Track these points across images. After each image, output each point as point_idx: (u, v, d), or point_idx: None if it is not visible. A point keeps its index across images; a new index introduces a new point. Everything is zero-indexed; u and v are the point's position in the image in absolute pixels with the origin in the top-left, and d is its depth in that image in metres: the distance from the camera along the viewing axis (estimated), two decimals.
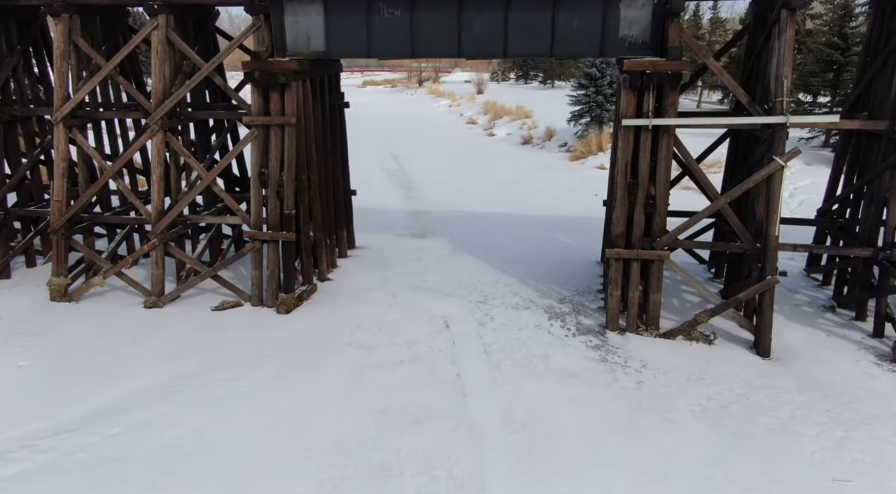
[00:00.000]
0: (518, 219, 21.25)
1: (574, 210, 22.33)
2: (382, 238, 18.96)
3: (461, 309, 13.47)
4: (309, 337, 12.13)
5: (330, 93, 15.69)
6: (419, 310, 13.44)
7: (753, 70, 12.85)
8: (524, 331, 12.36)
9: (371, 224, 20.33)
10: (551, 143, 35.62)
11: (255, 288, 13.65)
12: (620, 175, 12.08)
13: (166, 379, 10.42)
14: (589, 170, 28.92)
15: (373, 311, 13.36)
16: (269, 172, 13.33)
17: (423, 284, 15.02)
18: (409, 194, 25.45)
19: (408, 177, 29.04)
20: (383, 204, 23.47)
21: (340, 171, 16.72)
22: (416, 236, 19.26)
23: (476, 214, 21.96)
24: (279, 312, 13.24)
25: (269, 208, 13.48)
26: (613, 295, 12.37)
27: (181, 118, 14.09)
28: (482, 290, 14.59)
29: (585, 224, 20.37)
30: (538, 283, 15.04)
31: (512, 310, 13.42)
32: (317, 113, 14.69)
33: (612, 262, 12.30)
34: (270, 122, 13.11)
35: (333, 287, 14.92)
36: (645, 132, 11.78)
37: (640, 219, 12.09)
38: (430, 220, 21.13)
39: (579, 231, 19.64)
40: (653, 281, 12.10)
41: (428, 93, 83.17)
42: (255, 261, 13.61)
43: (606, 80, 31.64)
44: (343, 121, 16.68)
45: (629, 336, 12.14)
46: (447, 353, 11.49)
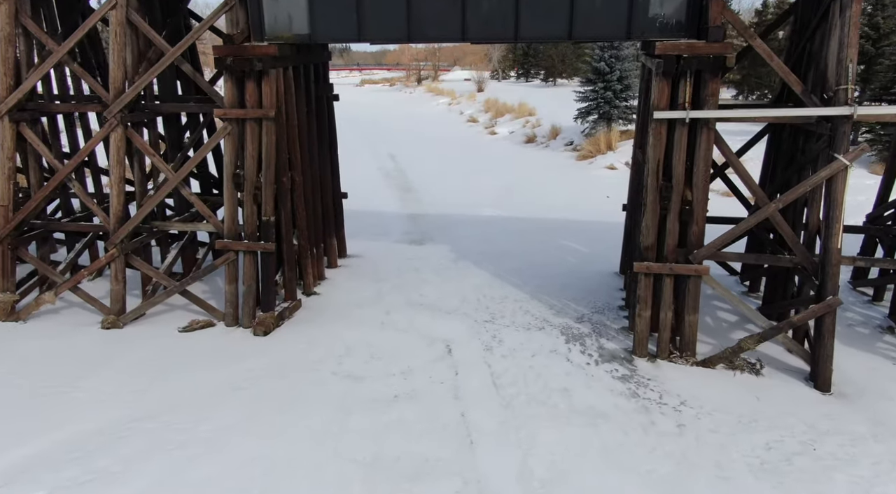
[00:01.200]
0: (525, 223, 19.55)
1: (585, 213, 20.63)
2: (377, 245, 17.25)
3: (465, 331, 11.76)
4: (289, 364, 10.41)
5: (316, 83, 13.98)
6: (417, 331, 11.74)
7: (803, 55, 11.15)
8: (539, 358, 10.66)
9: (365, 229, 18.62)
10: (556, 142, 33.93)
11: (229, 306, 11.93)
12: (651, 176, 10.38)
13: (115, 421, 8.70)
14: (598, 171, 27.24)
15: (364, 333, 11.65)
16: (245, 173, 11.63)
17: (421, 300, 13.31)
18: (406, 196, 23.74)
19: (405, 177, 27.33)
20: (379, 207, 21.76)
21: (329, 172, 15.00)
22: (413, 243, 17.55)
23: (479, 218, 20.25)
24: (256, 334, 11.52)
25: (245, 214, 11.77)
26: (642, 317, 10.66)
27: (146, 111, 12.36)
28: (488, 307, 12.89)
29: (599, 229, 18.67)
30: (552, 299, 13.33)
31: (523, 332, 11.72)
32: (301, 105, 12.97)
33: (641, 278, 10.59)
34: (246, 116, 11.40)
35: (320, 302, 13.21)
36: (680, 126, 10.08)
37: (673, 228, 10.39)
38: (430, 225, 19.43)
39: (593, 237, 17.94)
40: (688, 300, 10.40)
41: (427, 92, 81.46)
42: (229, 275, 11.90)
43: (615, 75, 29.96)
44: (332, 115, 14.96)
45: (661, 364, 10.44)
46: (449, 386, 9.78)
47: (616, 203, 21.78)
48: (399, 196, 23.78)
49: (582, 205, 21.77)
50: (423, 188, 24.92)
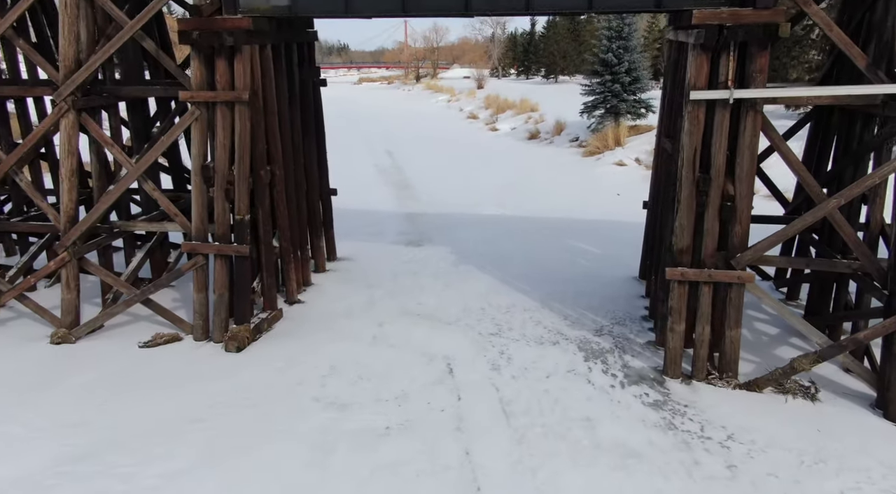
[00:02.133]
0: (530, 223, 18.04)
1: (595, 212, 19.13)
2: (370, 246, 15.74)
3: (468, 346, 10.25)
4: (263, 388, 8.90)
5: (300, 66, 12.47)
6: (413, 347, 10.23)
7: (860, 27, 9.63)
8: (555, 380, 9.15)
9: (358, 229, 17.11)
10: (561, 138, 32.44)
11: (198, 318, 10.42)
12: (686, 168, 8.87)
13: (44, 465, 7.17)
14: (606, 167, 25.73)
15: (352, 348, 10.14)
16: (216, 165, 10.11)
17: (418, 309, 11.80)
18: (403, 194, 22.23)
19: (403, 175, 25.81)
20: (374, 205, 20.24)
21: (315, 166, 13.49)
22: (410, 244, 16.03)
23: (481, 218, 18.74)
24: (228, 350, 10.01)
25: (216, 213, 10.26)
26: (675, 331, 9.15)
27: (104, 95, 10.85)
28: (494, 317, 11.38)
29: (611, 229, 17.16)
30: (565, 308, 11.83)
31: (535, 347, 10.21)
32: (281, 90, 11.46)
33: (674, 286, 9.08)
34: (216, 99, 9.89)
35: (304, 312, 11.70)
36: (721, 109, 8.58)
37: (712, 228, 8.89)
38: (428, 225, 17.92)
39: (605, 238, 16.43)
40: (730, 311, 8.89)
41: (425, 89, 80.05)
42: (197, 282, 10.39)
43: (624, 67, 28.45)
44: (319, 102, 13.45)
45: (698, 386, 8.93)
46: (451, 414, 8.27)
47: (628, 201, 20.31)
48: (395, 194, 22.26)
49: (591, 204, 20.27)
50: (421, 186, 23.40)
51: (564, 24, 78.15)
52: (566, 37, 73.71)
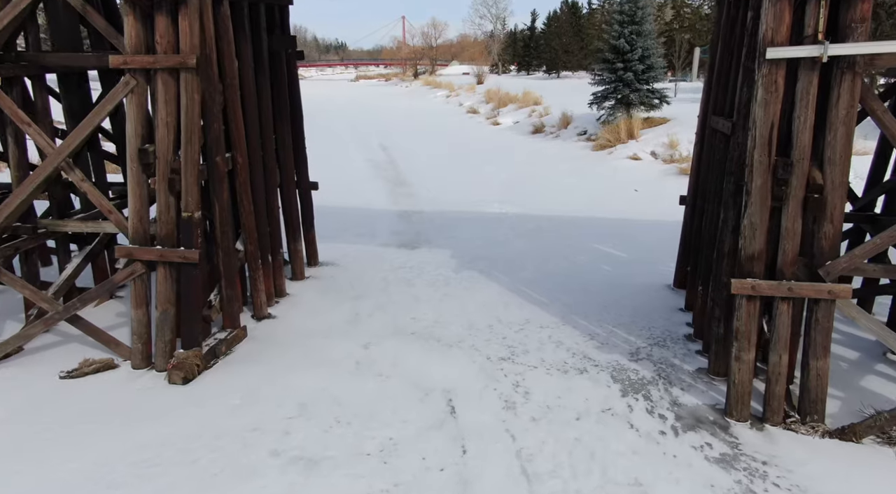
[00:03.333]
0: (541, 222, 15.99)
1: (612, 209, 17.09)
2: (359, 249, 13.68)
3: (474, 375, 8.20)
4: (209, 436, 6.83)
5: (270, 33, 10.40)
6: (405, 376, 8.17)
7: None
8: (587, 423, 7.09)
9: (346, 229, 15.08)
10: (568, 132, 30.39)
11: (136, 340, 8.35)
12: (759, 150, 6.82)
13: None
14: (619, 161, 23.68)
15: (329, 378, 8.08)
16: (157, 149, 8.05)
17: (412, 325, 9.75)
18: (398, 190, 20.16)
19: (398, 170, 23.76)
20: (365, 202, 18.19)
21: (292, 155, 11.43)
22: (405, 247, 13.97)
23: (485, 216, 16.68)
24: (172, 381, 7.94)
25: (158, 209, 8.19)
26: (743, 361, 7.09)
27: (23, 65, 8.77)
28: (505, 337, 9.33)
29: (634, 229, 15.13)
30: (590, 324, 9.78)
31: (558, 376, 8.15)
32: (245, 59, 9.40)
33: (742, 303, 7.02)
34: (155, 64, 7.83)
35: (274, 330, 9.64)
36: (808, 71, 6.53)
37: (793, 228, 6.84)
38: (426, 224, 15.86)
39: (628, 239, 14.38)
40: (816, 336, 6.84)
41: (424, 85, 78.06)
42: (136, 297, 8.32)
43: (637, 54, 26.39)
44: (294, 78, 11.38)
45: (774, 433, 6.88)
46: (453, 476, 6.21)
47: (648, 198, 18.26)
48: (390, 190, 20.20)
49: (606, 201, 18.23)
50: (418, 182, 21.35)
51: (567, 18, 76.26)
52: (568, 31, 71.76)
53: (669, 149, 23.13)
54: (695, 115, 26.41)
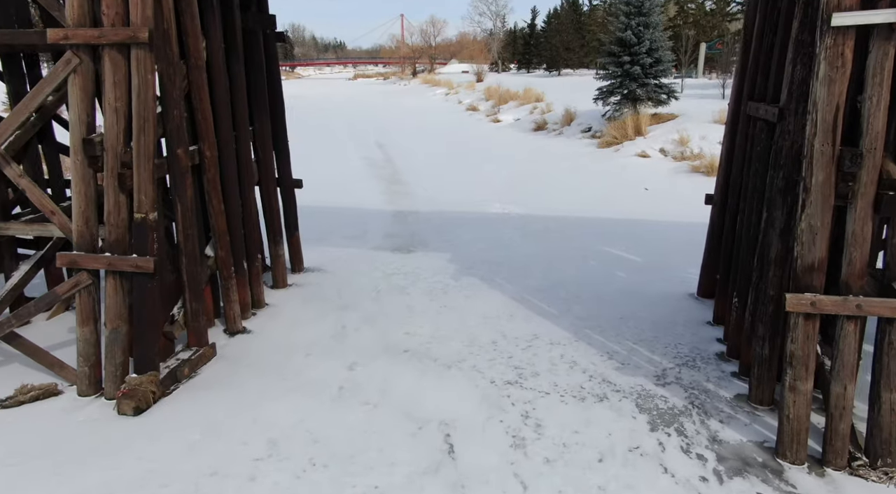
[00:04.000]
0: (547, 222, 14.81)
1: (622, 210, 15.91)
2: (349, 253, 12.50)
3: (476, 403, 7.03)
4: (156, 485, 5.66)
5: (245, 10, 9.22)
6: (396, 404, 7.00)
7: None
8: (612, 466, 5.92)
9: (335, 231, 13.91)
10: (572, 129, 29.21)
11: (82, 363, 7.17)
12: (821, 138, 5.64)
13: None
14: (627, 159, 22.50)
15: (307, 408, 6.91)
16: (105, 140, 6.88)
17: (406, 341, 8.58)
18: (393, 188, 18.98)
19: (394, 167, 22.58)
20: (359, 201, 17.01)
21: (271, 149, 10.26)
22: (399, 250, 12.79)
23: (486, 216, 15.50)
24: (122, 411, 6.76)
25: (106, 209, 7.02)
26: (799, 391, 5.92)
27: None
28: (511, 356, 8.16)
29: (648, 230, 13.96)
30: (607, 340, 8.61)
31: (574, 405, 6.98)
32: (214, 37, 8.22)
33: (798, 323, 5.85)
34: (100, 39, 6.65)
35: (248, 347, 8.46)
36: (882, 42, 5.36)
37: (862, 233, 5.66)
38: (422, 225, 14.68)
39: (642, 241, 13.21)
40: (889, 363, 5.67)
41: (423, 83, 76.99)
42: (81, 312, 7.14)
43: (644, 47, 25.21)
44: (274, 63, 10.20)
45: (837, 479, 5.71)
46: None
47: (659, 196, 17.10)
48: (385, 188, 19.02)
49: (615, 200, 17.05)
50: (415, 180, 20.16)
51: (567, 15, 75.19)
52: (569, 28, 70.66)
53: (679, 146, 21.97)
54: (703, 111, 25.32)
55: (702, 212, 10.48)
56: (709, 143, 21.31)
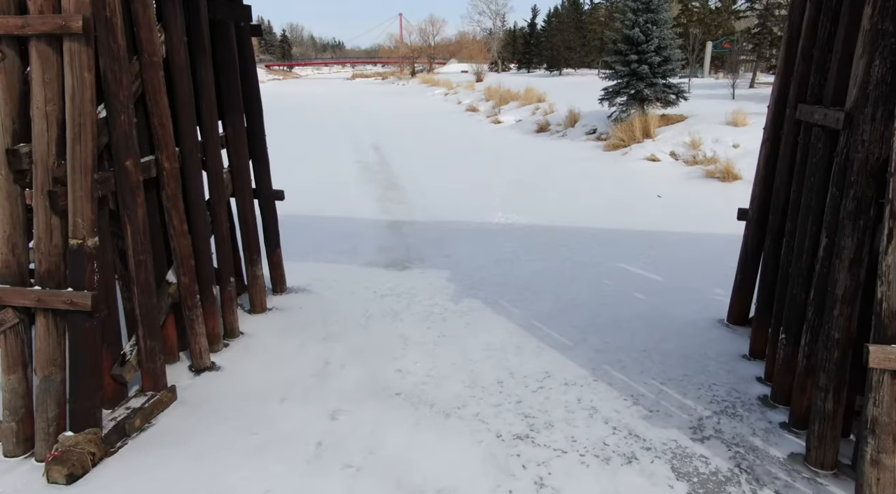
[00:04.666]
0: (554, 234, 13.66)
1: (634, 220, 14.76)
2: (337, 271, 11.35)
3: (480, 465, 5.86)
4: None
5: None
6: (383, 468, 5.84)
7: None
8: None
9: (324, 245, 12.77)
10: (576, 130, 28.08)
11: (8, 417, 6.00)
12: None
13: None
14: (635, 163, 21.34)
15: (276, 472, 5.75)
16: (34, 151, 5.72)
17: (397, 382, 7.43)
18: (389, 195, 17.82)
19: (390, 172, 21.42)
20: (350, 210, 15.85)
21: (247, 158, 9.10)
22: (393, 267, 11.64)
23: (488, 228, 14.34)
24: (52, 480, 5.59)
25: (35, 234, 5.85)
26: (884, 466, 4.75)
27: None
28: (520, 400, 7.00)
29: (662, 244, 12.80)
30: (631, 379, 7.45)
31: (598, 468, 5.83)
32: (174, 29, 7.05)
33: (884, 381, 4.70)
34: (25, 30, 5.50)
35: (215, 388, 7.31)
36: None
37: None
38: (419, 237, 13.52)
39: (658, 257, 12.06)
40: None
41: (421, 83, 75.92)
42: (7, 357, 5.98)
43: (653, 45, 24.07)
44: (250, 59, 9.02)
45: None
46: None
47: (673, 204, 15.92)
48: (380, 195, 17.85)
49: (626, 209, 15.90)
50: (412, 186, 19.00)
51: (568, 14, 74.20)
52: (570, 27, 69.62)
53: (691, 150, 20.82)
54: (714, 112, 24.16)
55: (722, 224, 9.41)
56: (723, 147, 20.18)
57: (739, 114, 21.81)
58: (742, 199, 9.43)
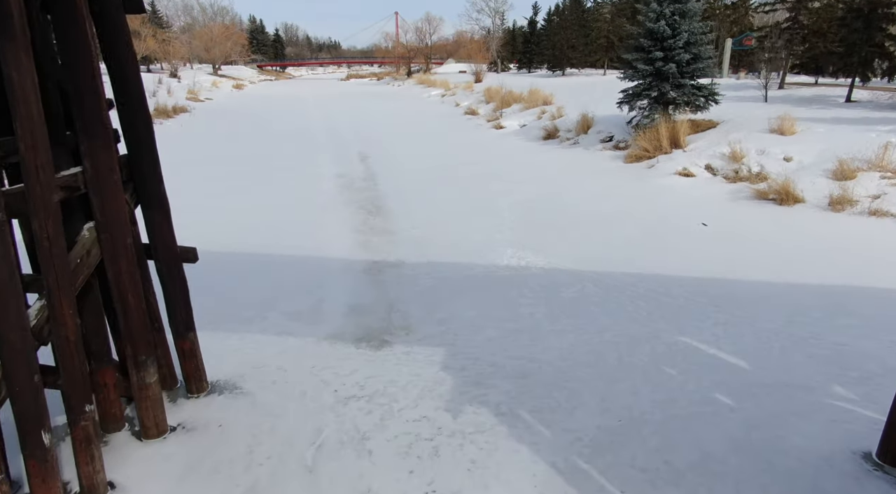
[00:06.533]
0: (582, 283, 10.39)
1: (680, 258, 11.51)
2: (287, 348, 8.08)
3: None
4: None
5: None
6: None
7: None
8: None
9: (275, 300, 9.51)
10: (589, 137, 24.83)
11: None
12: None
13: None
14: (665, 179, 18.08)
15: None
16: None
17: None
18: (372, 223, 14.52)
19: (376, 189, 18.13)
20: (320, 245, 12.57)
21: (121, 201, 5.79)
22: (366, 342, 8.36)
23: (496, 273, 11.05)
24: None
25: None
26: None
27: None
28: None
29: (731, 299, 9.55)
30: None
31: None
32: None
33: None
34: None
35: None
36: None
37: None
38: (405, 290, 10.24)
39: (731, 321, 8.80)
40: None
41: (417, 84, 72.76)
42: None
43: (681, 40, 20.80)
44: (124, 53, 5.71)
45: None
46: None
47: (726, 238, 12.59)
48: (361, 221, 14.54)
49: (667, 241, 12.65)
50: (401, 209, 15.73)
51: (571, 10, 70.98)
52: (573, 24, 66.41)
53: (732, 163, 17.61)
54: (750, 117, 20.70)
55: (801, 268, 6.28)
56: (771, 160, 16.96)
57: (786, 121, 18.59)
58: (811, 229, 6.25)
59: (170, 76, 68.46)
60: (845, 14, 24.07)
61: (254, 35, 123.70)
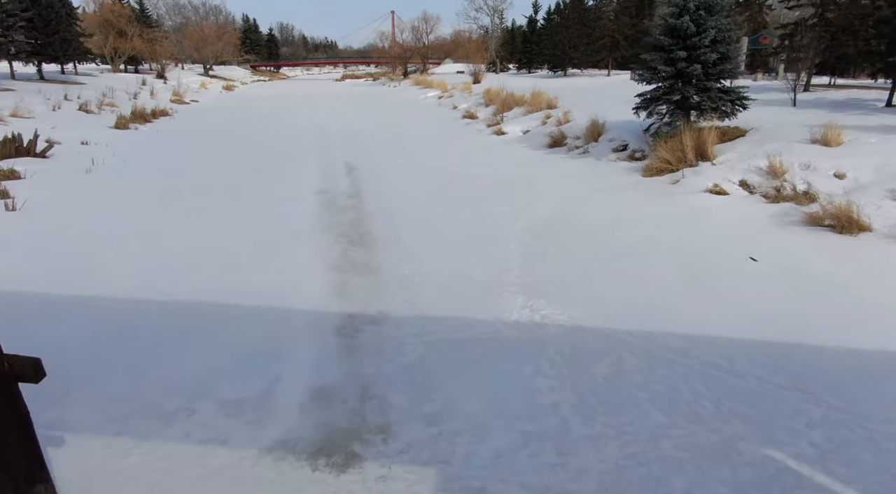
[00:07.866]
0: (618, 353, 8.00)
1: (738, 315, 9.11)
2: (210, 472, 5.66)
3: None
4: None
5: None
6: None
7: None
8: None
9: (207, 383, 7.06)
10: (600, 146, 22.45)
11: None
12: None
13: None
14: (695, 198, 15.67)
15: None
16: None
17: None
18: (351, 257, 12.09)
19: (362, 210, 15.72)
20: (284, 291, 10.14)
21: None
22: (327, 458, 5.94)
23: (504, 335, 8.64)
24: None
25: None
26: None
27: None
28: None
29: (819, 381, 7.13)
30: None
31: None
32: None
33: None
34: None
35: None
36: None
37: None
38: (386, 362, 7.82)
39: (830, 422, 6.41)
40: None
41: (414, 85, 70.34)
42: None
43: (707, 38, 18.43)
44: None
45: None
46: None
47: (780, 278, 10.09)
48: (338, 255, 12.12)
49: (711, 283, 10.27)
50: (388, 237, 13.32)
51: (573, 9, 68.73)
52: (575, 23, 64.13)
53: (771, 178, 15.24)
54: (784, 124, 17.65)
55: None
56: (820, 176, 14.59)
57: (831, 130, 16.24)
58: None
59: (156, 77, 66.03)
60: (887, 9, 21.72)
61: (247, 34, 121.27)
